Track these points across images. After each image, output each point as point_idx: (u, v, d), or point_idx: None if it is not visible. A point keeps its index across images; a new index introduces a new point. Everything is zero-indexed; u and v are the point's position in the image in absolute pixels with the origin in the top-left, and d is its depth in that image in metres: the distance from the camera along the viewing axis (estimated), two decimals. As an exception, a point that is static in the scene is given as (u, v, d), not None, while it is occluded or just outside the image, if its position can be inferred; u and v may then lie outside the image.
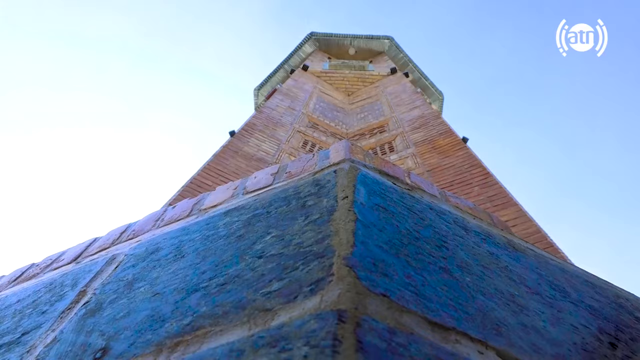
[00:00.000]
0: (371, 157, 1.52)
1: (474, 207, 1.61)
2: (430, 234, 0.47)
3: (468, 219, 0.58)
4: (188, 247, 0.52)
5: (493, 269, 0.46)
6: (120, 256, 0.61)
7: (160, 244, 0.58)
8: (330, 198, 0.49)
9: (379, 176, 0.59)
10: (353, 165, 0.58)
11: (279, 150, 6.72)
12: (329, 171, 0.59)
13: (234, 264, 0.42)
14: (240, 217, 0.54)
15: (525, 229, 4.17)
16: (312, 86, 11.02)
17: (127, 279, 0.50)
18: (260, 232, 0.47)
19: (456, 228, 0.52)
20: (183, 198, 4.88)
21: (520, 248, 0.56)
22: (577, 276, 0.55)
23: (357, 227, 0.41)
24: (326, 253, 0.37)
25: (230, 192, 1.55)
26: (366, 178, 0.55)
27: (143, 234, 1.55)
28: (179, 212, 1.60)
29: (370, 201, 0.48)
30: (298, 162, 1.53)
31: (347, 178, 0.53)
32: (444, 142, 6.64)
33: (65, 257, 1.68)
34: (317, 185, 0.54)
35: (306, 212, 0.48)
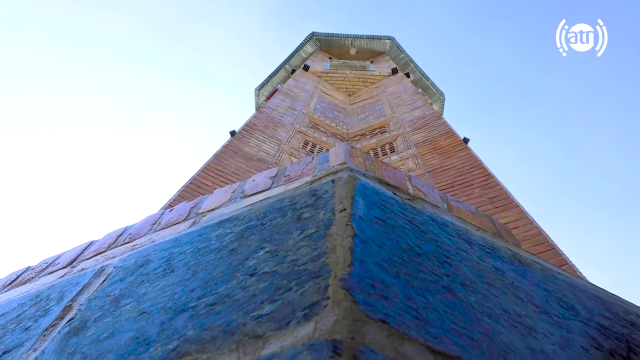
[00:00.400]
0: (371, 161, 1.49)
1: (476, 211, 1.58)
2: (433, 248, 0.45)
3: (471, 230, 0.56)
4: (178, 260, 0.50)
5: (499, 287, 0.43)
6: (109, 268, 0.59)
7: (150, 256, 0.55)
8: (328, 210, 0.46)
9: (378, 186, 0.56)
10: (352, 175, 0.56)
11: (280, 150, 6.70)
12: (326, 180, 0.56)
13: (224, 281, 0.40)
14: (234, 229, 0.52)
15: (527, 231, 4.14)
16: (313, 86, 11.00)
17: (114, 294, 0.48)
18: (253, 246, 0.45)
19: (459, 241, 0.50)
20: (183, 199, 4.85)
21: (526, 262, 0.53)
22: (585, 291, 0.52)
23: (355, 244, 0.39)
24: (322, 273, 0.35)
25: (228, 196, 1.53)
26: (365, 188, 0.52)
27: (139, 238, 1.53)
28: (176, 215, 1.57)
29: (369, 214, 0.46)
30: (297, 165, 1.50)
31: (346, 189, 0.51)
32: (444, 143, 6.61)
33: (61, 260, 1.66)
34: (314, 196, 0.51)
35: (302, 226, 0.45)
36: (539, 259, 0.58)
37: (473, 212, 1.55)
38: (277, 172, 1.50)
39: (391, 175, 1.47)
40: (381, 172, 1.44)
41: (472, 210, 1.55)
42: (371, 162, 1.47)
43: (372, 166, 1.44)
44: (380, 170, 1.45)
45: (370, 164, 1.45)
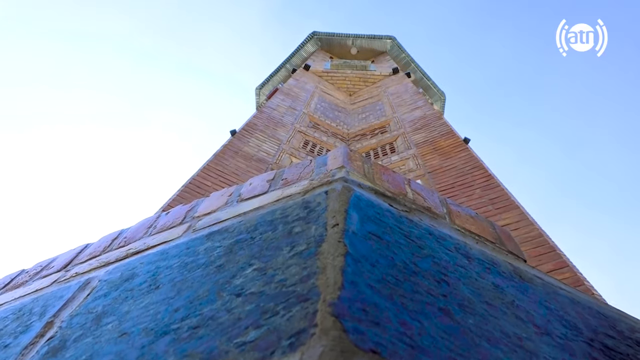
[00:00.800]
0: (370, 164, 1.47)
1: (476, 215, 1.56)
2: (430, 265, 0.43)
3: (470, 244, 0.53)
4: (164, 276, 0.48)
5: (498, 306, 0.41)
6: (94, 281, 0.57)
7: (136, 269, 0.53)
8: (319, 225, 0.44)
9: (374, 197, 0.54)
10: (346, 186, 0.53)
11: (280, 150, 6.68)
12: (319, 191, 0.54)
13: (210, 301, 0.38)
14: (223, 242, 0.50)
15: (527, 232, 4.12)
16: (314, 86, 10.97)
17: (97, 311, 0.46)
18: (241, 262, 0.43)
19: (458, 256, 0.48)
20: (182, 199, 4.83)
21: (527, 277, 0.51)
22: (588, 307, 0.50)
23: (346, 263, 0.36)
24: (310, 296, 0.33)
25: (224, 199, 1.51)
26: (360, 201, 0.50)
27: (134, 242, 1.51)
28: (172, 219, 1.55)
29: (363, 229, 0.44)
30: (295, 168, 1.48)
31: (339, 201, 0.49)
32: (445, 144, 6.58)
33: (56, 264, 1.64)
34: (307, 209, 0.49)
35: (292, 241, 0.43)
36: (540, 272, 0.56)
37: (473, 217, 1.53)
38: (274, 176, 1.47)
39: (390, 179, 1.45)
40: (380, 176, 1.42)
41: (472, 215, 1.53)
42: (370, 166, 1.44)
43: (371, 170, 1.41)
44: (379, 173, 1.43)
45: (369, 167, 1.43)
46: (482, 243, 0.55)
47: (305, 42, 14.36)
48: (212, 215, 1.39)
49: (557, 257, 3.59)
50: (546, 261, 3.63)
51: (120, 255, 1.40)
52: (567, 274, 3.40)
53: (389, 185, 1.39)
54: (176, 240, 1.31)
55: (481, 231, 1.48)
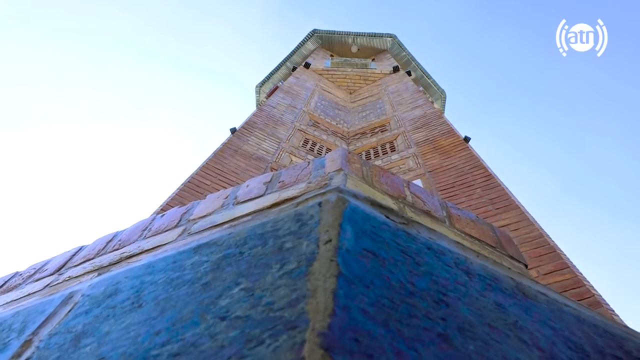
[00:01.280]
0: (369, 166, 1.45)
1: (476, 219, 1.53)
2: (428, 284, 0.40)
3: (471, 257, 0.51)
4: (148, 292, 0.45)
5: (500, 328, 0.39)
6: (77, 295, 0.54)
7: (120, 284, 0.51)
8: (311, 241, 0.42)
9: (370, 208, 0.52)
10: (340, 197, 0.51)
11: (279, 149, 6.65)
12: (313, 203, 0.52)
13: (193, 324, 0.35)
14: (210, 257, 0.47)
15: (527, 233, 4.10)
16: (314, 84, 10.94)
17: (77, 330, 0.43)
18: (228, 280, 0.40)
19: (458, 273, 0.45)
20: (181, 197, 4.81)
21: (531, 294, 0.49)
22: (594, 325, 0.48)
23: (338, 285, 0.34)
24: (299, 324, 0.30)
25: (220, 202, 1.48)
26: (355, 213, 0.48)
27: (129, 245, 1.48)
28: (167, 222, 1.53)
29: (358, 245, 0.41)
30: (292, 170, 1.45)
31: (333, 214, 0.46)
32: (445, 143, 6.55)
33: (49, 266, 1.62)
34: (299, 222, 0.47)
35: (282, 259, 0.41)
36: (544, 287, 0.54)
37: (473, 220, 1.50)
38: (271, 178, 1.45)
39: (389, 181, 1.43)
40: (379, 179, 1.39)
41: (473, 218, 1.50)
42: (368, 168, 1.42)
43: (370, 172, 1.39)
44: (377, 176, 1.40)
45: (367, 169, 1.40)
46: (482, 256, 0.52)
47: (305, 39, 14.31)
48: (208, 218, 1.36)
49: (557, 258, 3.56)
50: (546, 262, 3.60)
51: (113, 259, 1.38)
52: (568, 275, 3.38)
53: (387, 188, 1.36)
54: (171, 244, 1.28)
55: (481, 235, 1.45)
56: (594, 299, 3.08)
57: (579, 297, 3.15)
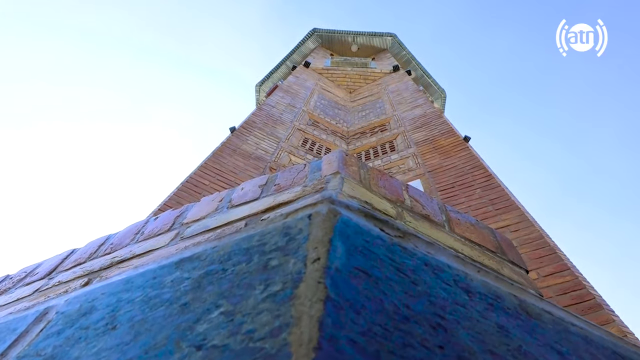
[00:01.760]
0: (366, 169, 1.41)
1: (476, 222, 1.50)
2: (425, 307, 0.37)
3: (471, 274, 0.48)
4: (124, 312, 0.42)
5: (503, 355, 0.36)
6: (52, 312, 0.51)
7: (96, 301, 0.48)
8: (298, 259, 0.38)
9: (363, 221, 0.48)
10: (332, 209, 0.48)
11: (278, 148, 6.62)
12: (302, 215, 0.48)
13: (166, 353, 0.32)
14: (192, 274, 0.44)
15: (528, 234, 4.07)
16: (314, 83, 10.90)
17: (46, 354, 0.40)
18: (208, 302, 0.37)
19: (457, 292, 0.42)
20: (179, 198, 4.77)
21: (535, 313, 0.45)
22: (603, 347, 0.45)
23: (326, 312, 0.31)
24: (279, 358, 0.27)
25: (214, 205, 1.45)
26: (347, 227, 0.44)
27: (120, 249, 1.45)
28: (160, 225, 1.50)
29: (349, 264, 0.38)
30: (288, 173, 1.42)
31: (323, 228, 0.43)
32: (445, 142, 6.52)
33: (40, 270, 1.59)
34: (287, 236, 0.44)
35: (267, 278, 0.38)
36: (549, 304, 0.50)
37: (473, 224, 1.47)
38: (266, 181, 1.41)
39: (387, 184, 1.39)
40: (376, 182, 1.36)
41: (473, 222, 1.47)
42: (366, 171, 1.38)
43: (367, 175, 1.35)
44: (375, 179, 1.37)
45: (365, 172, 1.37)
46: (484, 272, 0.49)
47: (305, 39, 14.27)
48: (201, 222, 1.33)
49: (557, 260, 3.54)
50: (547, 263, 3.57)
51: (104, 264, 1.34)
52: (568, 277, 3.35)
53: (385, 192, 1.33)
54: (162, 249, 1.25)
55: (482, 240, 1.42)
56: (594, 301, 3.05)
57: (579, 299, 3.12)
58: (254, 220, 1.15)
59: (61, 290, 1.22)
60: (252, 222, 1.15)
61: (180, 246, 1.18)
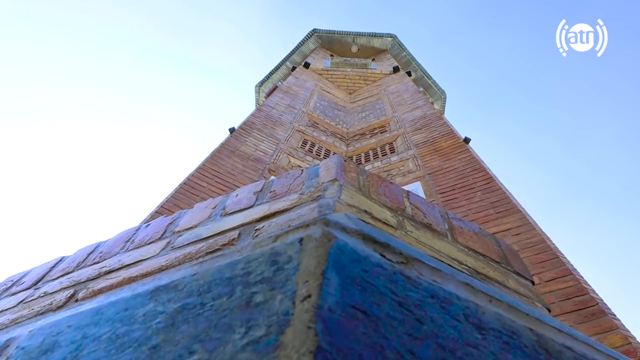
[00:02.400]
0: (366, 175, 1.36)
1: (480, 231, 1.44)
2: (432, 351, 0.32)
3: (483, 305, 0.43)
4: (88, 351, 0.37)
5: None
6: (13, 346, 0.46)
7: (61, 335, 0.43)
8: (287, 296, 0.33)
9: (361, 245, 0.43)
10: (326, 232, 0.42)
11: (277, 150, 6.56)
12: (293, 239, 0.43)
13: (127, 413, 0.27)
14: (167, 307, 0.39)
15: (529, 238, 4.01)
16: (313, 84, 10.85)
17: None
18: (181, 345, 0.32)
19: (468, 329, 0.37)
20: (177, 200, 4.72)
21: (555, 350, 0.40)
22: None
23: (315, 368, 0.26)
24: None
25: (207, 212, 1.40)
26: (342, 253, 0.39)
27: (109, 258, 1.40)
28: (151, 233, 1.45)
29: (344, 302, 0.33)
30: (284, 179, 1.37)
31: (315, 256, 0.38)
32: (445, 144, 6.47)
33: (27, 279, 1.54)
34: (274, 265, 0.39)
35: (249, 319, 0.32)
36: (569, 336, 0.45)
37: (477, 233, 1.41)
38: (262, 187, 1.36)
39: (387, 191, 1.34)
40: (376, 189, 1.30)
41: (476, 231, 1.41)
42: (365, 177, 1.33)
43: (367, 182, 1.30)
44: (375, 186, 1.32)
45: (364, 179, 1.31)
46: (496, 301, 0.44)
47: (305, 39, 14.22)
48: (193, 230, 1.28)
49: (559, 264, 3.48)
50: (549, 268, 3.52)
51: (92, 274, 1.29)
52: (571, 282, 3.30)
53: (385, 200, 1.27)
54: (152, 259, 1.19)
55: (486, 249, 1.36)
56: (597, 307, 3.00)
57: (582, 305, 3.07)
58: (248, 229, 1.10)
59: (45, 302, 1.17)
60: (246, 231, 1.10)
61: (170, 257, 1.13)
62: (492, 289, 0.52)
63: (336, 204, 1.01)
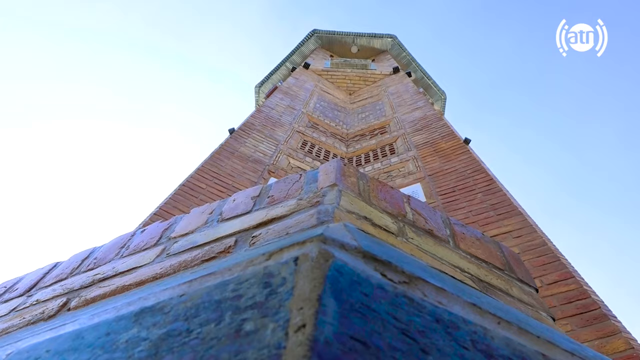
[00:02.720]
0: (366, 180, 1.33)
1: (482, 237, 1.41)
2: (438, 387, 0.29)
3: (491, 328, 0.40)
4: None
5: None
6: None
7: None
8: (279, 325, 0.30)
9: (361, 265, 0.40)
10: (323, 251, 0.39)
11: (277, 151, 6.53)
12: (287, 258, 0.40)
13: None
14: (151, 333, 0.36)
15: (530, 240, 3.98)
16: (313, 85, 10.82)
17: None
18: (163, 380, 0.29)
19: (476, 357, 0.34)
20: (175, 202, 4.69)
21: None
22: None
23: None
24: None
25: (204, 218, 1.37)
26: (341, 275, 0.36)
27: (103, 265, 1.37)
28: (147, 238, 1.42)
29: (342, 332, 0.30)
30: (282, 184, 1.34)
31: (312, 279, 0.35)
32: (446, 145, 6.44)
33: (20, 286, 1.51)
34: (267, 287, 0.36)
35: (238, 351, 0.30)
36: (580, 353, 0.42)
37: (479, 239, 1.38)
38: (260, 192, 1.33)
39: (388, 197, 1.30)
40: (376, 194, 1.27)
41: (478, 236, 1.38)
42: (365, 182, 1.30)
43: (367, 187, 1.27)
44: (375, 191, 1.28)
45: (364, 184, 1.28)
46: (505, 323, 0.41)
47: (305, 40, 14.20)
48: (189, 237, 1.25)
49: (561, 267, 3.45)
50: (550, 271, 3.49)
51: (85, 281, 1.26)
52: (572, 285, 3.27)
53: (386, 205, 1.24)
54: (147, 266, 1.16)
55: (488, 256, 1.33)
56: (599, 311, 2.97)
57: (584, 308, 3.04)
58: (245, 236, 1.07)
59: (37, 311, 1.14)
60: (242, 238, 1.07)
61: (165, 265, 1.10)
62: (499, 306, 0.49)
63: (335, 211, 0.98)
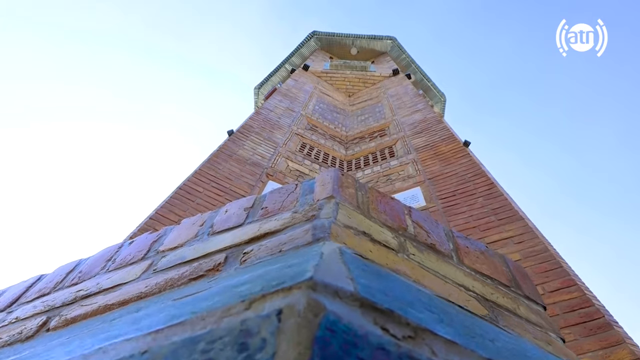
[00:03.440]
0: (365, 191, 1.26)
1: (486, 250, 1.34)
2: None
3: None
4: None
5: None
6: None
7: None
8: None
9: (358, 318, 0.33)
10: (312, 303, 0.33)
11: (276, 154, 6.46)
12: (269, 311, 0.34)
13: None
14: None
15: (532, 246, 3.91)
16: (313, 86, 10.76)
17: None
18: None
19: None
20: (172, 206, 4.61)
21: None
22: None
23: None
24: None
25: (194, 230, 1.31)
26: (333, 337, 0.30)
27: (88, 280, 1.32)
28: (134, 252, 1.35)
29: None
30: (277, 194, 1.27)
31: (297, 343, 0.28)
32: (446, 149, 6.37)
33: (2, 300, 1.45)
34: (243, 352, 0.29)
35: None
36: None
37: (483, 252, 1.31)
38: (253, 203, 1.27)
39: (388, 209, 1.23)
40: (376, 206, 1.20)
41: (483, 250, 1.31)
42: (364, 193, 1.23)
43: (366, 198, 1.20)
44: (375, 203, 1.22)
45: (363, 195, 1.22)
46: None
47: (305, 41, 14.15)
48: (178, 251, 1.18)
49: (564, 274, 3.38)
50: (553, 278, 3.42)
51: (67, 298, 1.19)
52: (575, 293, 3.20)
53: (386, 218, 1.17)
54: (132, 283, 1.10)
55: (493, 271, 1.26)
56: (604, 320, 2.90)
57: (588, 317, 2.97)
58: (235, 252, 1.00)
59: (16, 331, 1.08)
60: (233, 255, 1.00)
61: (150, 282, 1.03)
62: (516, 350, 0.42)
63: (332, 226, 0.91)
